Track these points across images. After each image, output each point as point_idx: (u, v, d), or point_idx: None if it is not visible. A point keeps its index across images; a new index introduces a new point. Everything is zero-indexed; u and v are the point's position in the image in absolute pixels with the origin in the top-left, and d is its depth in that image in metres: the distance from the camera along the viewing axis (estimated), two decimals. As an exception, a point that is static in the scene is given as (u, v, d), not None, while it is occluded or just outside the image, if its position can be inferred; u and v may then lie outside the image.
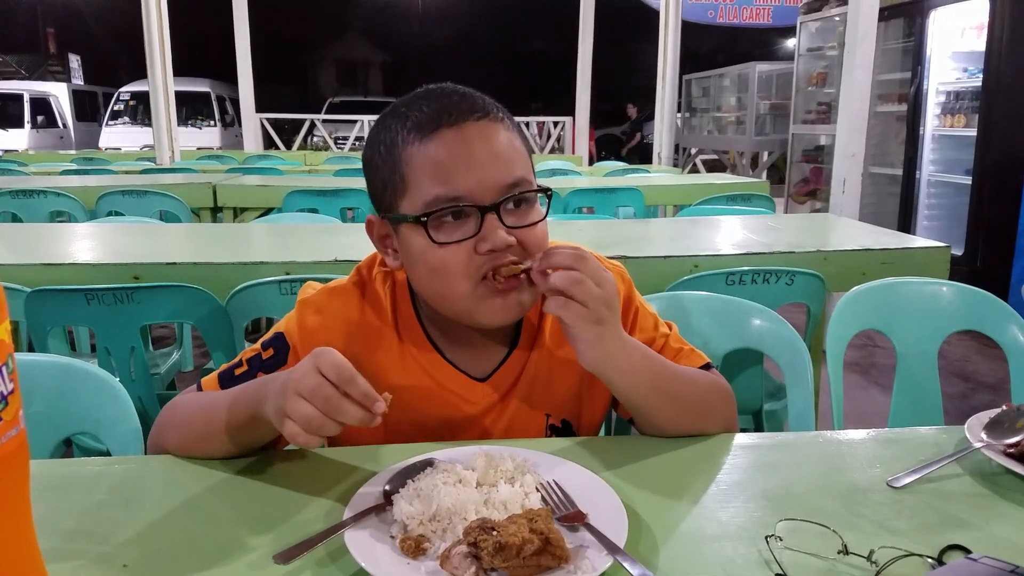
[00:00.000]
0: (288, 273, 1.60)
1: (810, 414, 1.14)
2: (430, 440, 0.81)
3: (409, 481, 0.67)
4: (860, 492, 0.70)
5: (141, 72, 5.40)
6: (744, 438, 0.83)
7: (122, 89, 12.76)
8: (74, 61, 16.69)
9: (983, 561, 0.54)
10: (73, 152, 8.73)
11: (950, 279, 1.42)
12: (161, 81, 5.15)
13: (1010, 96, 3.98)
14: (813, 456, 0.80)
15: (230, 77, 8.20)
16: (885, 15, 4.46)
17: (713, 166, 9.67)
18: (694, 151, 9.89)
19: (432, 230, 0.75)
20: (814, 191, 6.49)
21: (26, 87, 12.96)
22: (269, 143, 8.47)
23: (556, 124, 8.65)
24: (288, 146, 8.76)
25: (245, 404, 0.73)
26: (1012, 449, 0.73)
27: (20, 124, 12.09)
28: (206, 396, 0.83)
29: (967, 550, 0.59)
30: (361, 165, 0.84)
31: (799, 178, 6.74)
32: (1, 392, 0.44)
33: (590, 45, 7.03)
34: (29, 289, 1.43)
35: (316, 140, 10.37)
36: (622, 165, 5.51)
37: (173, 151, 5.43)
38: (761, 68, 8.12)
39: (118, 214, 3.02)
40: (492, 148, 0.76)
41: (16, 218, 3.08)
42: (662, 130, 6.18)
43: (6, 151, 9.50)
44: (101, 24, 16.86)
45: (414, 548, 0.59)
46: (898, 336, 1.34)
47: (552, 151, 8.49)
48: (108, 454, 0.92)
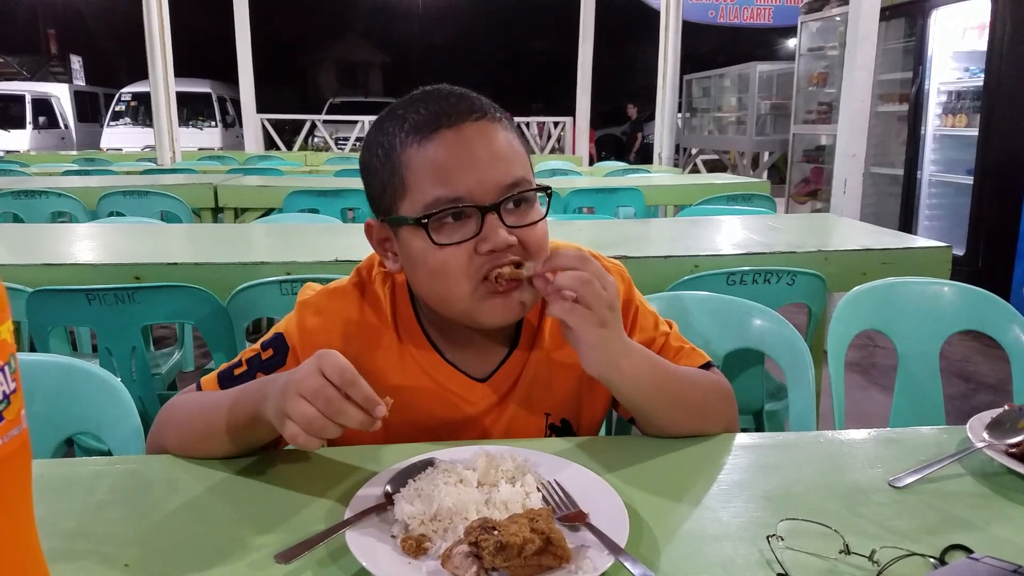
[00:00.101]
0: (289, 273, 1.60)
1: (811, 414, 1.14)
2: (430, 440, 0.81)
3: (410, 481, 0.67)
4: (862, 492, 0.70)
5: (142, 73, 5.40)
6: (745, 438, 0.83)
7: (123, 90, 12.78)
8: (75, 62, 16.71)
9: (985, 561, 0.54)
10: (74, 153, 8.74)
11: (951, 279, 1.42)
12: (162, 82, 5.16)
13: (1011, 96, 3.97)
14: (814, 456, 0.80)
15: (231, 78, 8.22)
16: (886, 15, 4.45)
17: (714, 166, 9.66)
18: (695, 151, 9.89)
19: (432, 232, 0.75)
20: (815, 191, 6.49)
21: (28, 88, 12.98)
22: (270, 144, 8.48)
23: (556, 124, 8.65)
24: (289, 147, 8.77)
25: (245, 404, 0.73)
26: (1014, 449, 0.73)
27: (22, 125, 12.11)
28: (206, 396, 0.83)
29: (969, 550, 0.59)
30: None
31: (800, 178, 6.74)
32: (3, 391, 0.44)
33: (590, 45, 7.03)
34: (31, 289, 1.43)
35: (317, 141, 10.37)
36: (622, 165, 5.51)
37: (174, 152, 5.44)
38: (762, 68, 8.12)
39: (119, 215, 3.02)
40: (491, 148, 0.76)
41: (18, 218, 3.08)
42: (663, 130, 6.18)
43: (8, 152, 9.52)
44: (102, 25, 16.88)
45: (415, 548, 0.59)
46: (899, 336, 1.34)
47: (552, 151, 8.49)
48: (109, 454, 0.92)
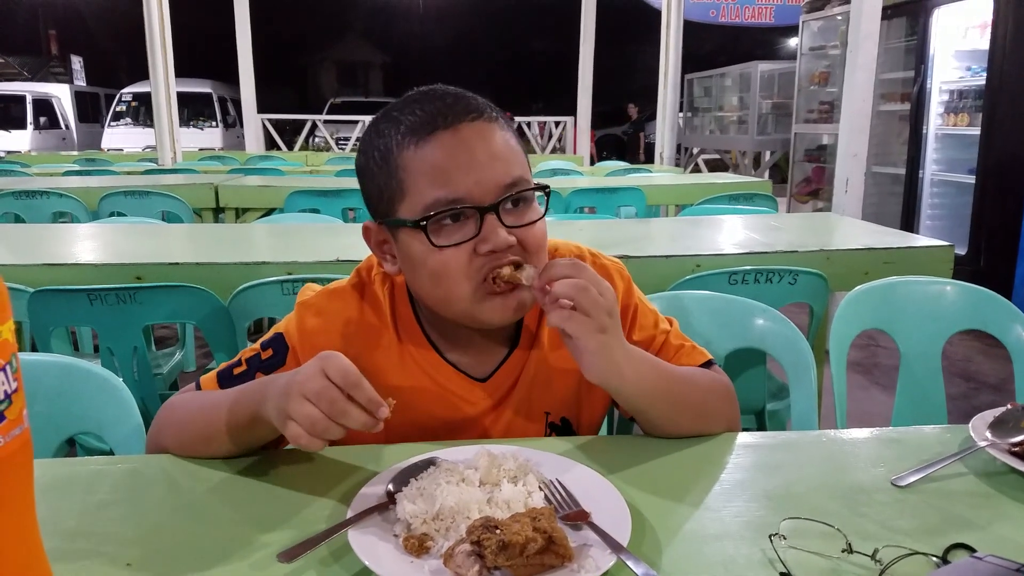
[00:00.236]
0: (290, 273, 1.60)
1: (813, 414, 1.14)
2: (430, 440, 0.81)
3: (412, 480, 0.67)
4: (864, 491, 0.70)
5: (143, 73, 5.40)
6: (747, 437, 0.83)
7: (124, 90, 12.80)
8: (76, 62, 16.73)
9: (988, 560, 0.54)
10: (75, 153, 8.74)
11: (953, 279, 1.41)
12: (163, 82, 5.16)
13: (1013, 95, 3.97)
14: (816, 455, 0.80)
15: (231, 78, 8.22)
16: (888, 14, 4.45)
17: (715, 166, 9.66)
18: (696, 151, 9.89)
19: (431, 234, 0.75)
20: (816, 191, 6.48)
21: (28, 88, 13.00)
22: (271, 144, 8.49)
23: (557, 124, 8.65)
24: (290, 147, 8.78)
25: (246, 404, 0.73)
26: (1017, 448, 0.73)
27: (23, 125, 12.13)
28: (206, 395, 0.83)
29: (972, 549, 0.59)
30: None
31: (801, 178, 6.74)
32: (5, 391, 0.44)
33: (591, 45, 7.03)
34: (32, 289, 1.43)
35: (318, 141, 10.38)
36: (624, 165, 5.51)
37: (175, 152, 5.44)
38: (763, 67, 8.11)
39: (120, 215, 3.02)
40: (489, 148, 0.76)
41: (19, 219, 3.08)
42: (664, 130, 6.17)
43: (9, 152, 9.53)
44: (103, 25, 16.90)
45: (417, 547, 0.59)
46: (901, 336, 1.33)
47: (553, 151, 8.49)
48: (111, 454, 0.92)
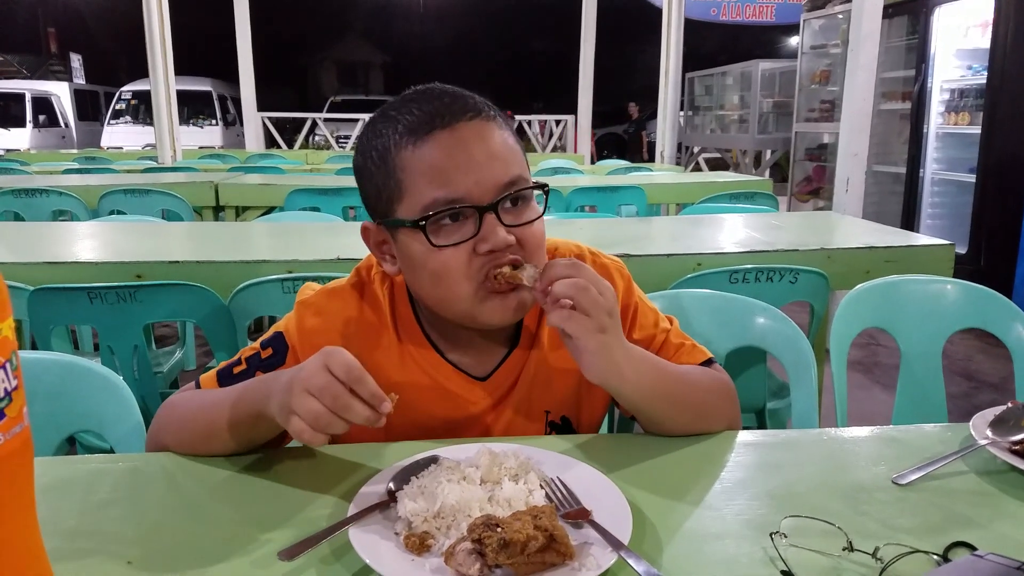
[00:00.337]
0: (290, 272, 1.60)
1: (814, 413, 1.14)
2: (429, 439, 0.81)
3: (413, 478, 0.67)
4: (865, 490, 0.70)
5: (142, 71, 5.40)
6: (748, 436, 0.83)
7: (123, 88, 12.79)
8: (75, 60, 16.71)
9: (989, 558, 0.54)
10: (75, 151, 8.75)
11: (954, 278, 1.41)
12: (163, 80, 5.16)
13: (1014, 94, 3.97)
14: (817, 454, 0.80)
15: (231, 76, 8.22)
16: (889, 12, 4.44)
17: (716, 164, 9.66)
18: (697, 149, 9.89)
19: (431, 233, 0.74)
20: (817, 189, 6.48)
21: (28, 87, 12.99)
22: (271, 142, 8.49)
23: (558, 123, 8.65)
24: (290, 145, 8.78)
25: (248, 401, 0.73)
26: (1017, 446, 0.73)
27: (22, 123, 12.12)
28: (207, 393, 0.83)
29: (972, 547, 0.59)
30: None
31: (802, 176, 6.74)
32: (5, 388, 0.44)
33: (592, 44, 7.02)
34: (32, 288, 1.43)
35: (318, 139, 10.38)
36: (624, 163, 5.51)
37: (175, 150, 5.44)
38: (764, 66, 8.11)
39: (120, 213, 3.02)
40: (488, 148, 0.75)
41: (18, 217, 3.08)
42: (665, 128, 6.17)
43: (8, 150, 9.53)
44: (102, 23, 16.89)
45: (418, 545, 0.59)
46: (902, 334, 1.33)
47: (554, 150, 8.49)
48: (111, 452, 0.92)
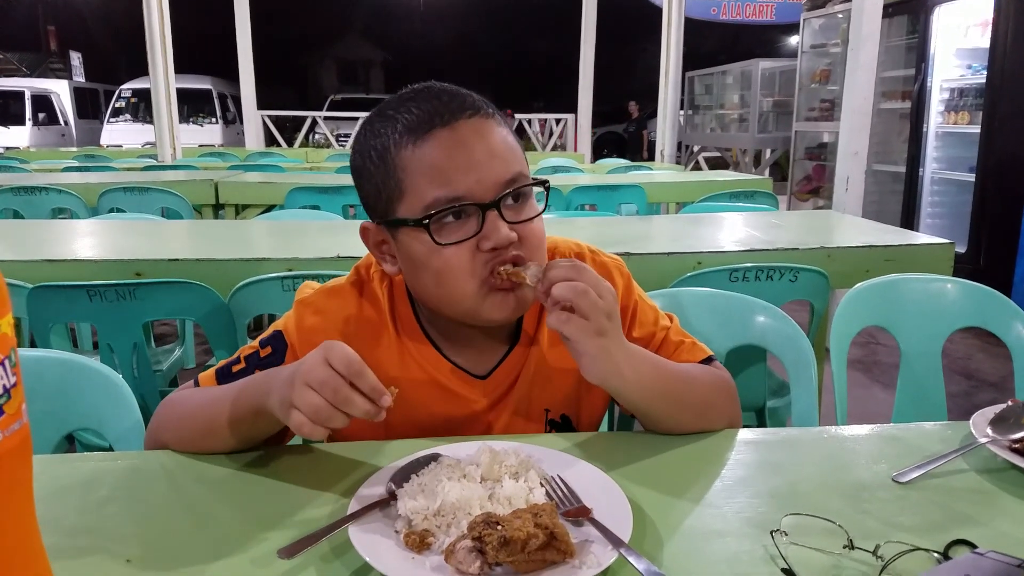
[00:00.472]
0: (290, 270, 1.60)
1: (814, 411, 1.14)
2: (429, 437, 0.81)
3: (413, 476, 0.67)
4: (865, 488, 0.70)
5: (142, 69, 5.40)
6: (748, 434, 0.82)
7: (123, 86, 12.78)
8: (75, 58, 16.71)
9: (989, 556, 0.54)
10: (74, 149, 8.75)
11: (953, 276, 1.41)
12: (162, 78, 5.15)
13: (1014, 93, 3.96)
14: (818, 452, 0.80)
15: (231, 74, 8.21)
16: (889, 12, 4.44)
17: (716, 163, 9.66)
18: (696, 148, 9.88)
19: (433, 232, 0.74)
20: (817, 189, 6.48)
21: (27, 84, 12.99)
22: (271, 140, 8.48)
23: (558, 121, 8.65)
24: (290, 143, 8.77)
25: (249, 397, 0.73)
26: (1018, 444, 0.73)
27: (21, 121, 12.12)
28: (206, 391, 0.83)
29: (973, 545, 0.59)
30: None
31: (802, 175, 6.74)
32: (4, 385, 0.44)
33: (592, 43, 7.02)
34: (31, 285, 1.43)
35: (318, 137, 10.37)
36: (624, 162, 5.50)
37: (175, 148, 5.43)
38: (764, 65, 8.11)
39: (119, 211, 3.02)
40: (488, 145, 0.75)
41: (18, 215, 3.08)
42: (665, 127, 6.16)
43: (8, 148, 9.52)
44: (102, 22, 16.88)
45: (418, 543, 0.59)
46: (902, 333, 1.33)
47: (554, 148, 8.49)
48: (110, 450, 0.92)
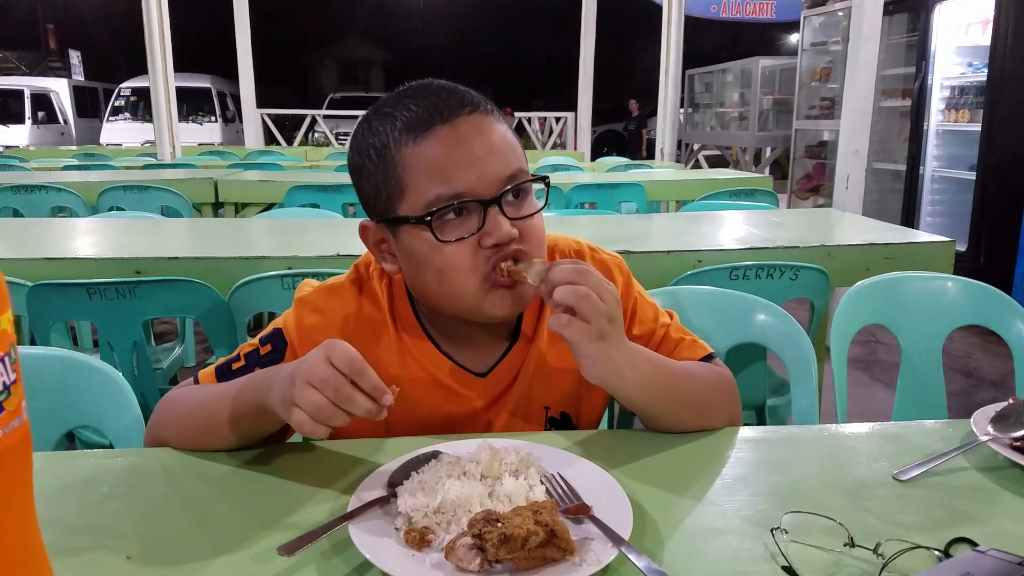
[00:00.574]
0: (290, 268, 1.60)
1: (814, 410, 1.14)
2: (429, 435, 0.81)
3: (413, 473, 0.67)
4: (866, 486, 0.70)
5: (141, 68, 5.39)
6: (749, 432, 0.82)
7: (123, 85, 12.77)
8: (74, 57, 16.69)
9: (990, 554, 0.54)
10: (74, 148, 8.75)
11: (954, 275, 1.41)
12: (162, 77, 5.14)
13: (1015, 91, 3.96)
14: (818, 450, 0.80)
15: (231, 73, 8.20)
16: (889, 9, 4.44)
17: (716, 162, 9.66)
18: (696, 147, 9.88)
19: (435, 230, 0.74)
20: (817, 187, 6.48)
21: (27, 83, 12.98)
22: (270, 139, 8.47)
23: (558, 120, 8.64)
24: (289, 142, 8.77)
25: (250, 394, 0.73)
26: (1018, 442, 0.73)
27: (21, 120, 12.11)
28: (206, 389, 0.82)
29: (974, 543, 0.59)
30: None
31: (802, 174, 6.73)
32: (4, 382, 0.44)
33: (592, 42, 7.01)
34: (31, 283, 1.43)
35: (317, 136, 10.36)
36: (624, 160, 5.50)
37: (174, 147, 5.43)
38: (764, 63, 8.10)
39: (119, 210, 3.02)
40: (488, 142, 0.75)
41: (18, 213, 3.08)
42: (665, 126, 6.16)
43: (7, 147, 9.52)
44: (101, 20, 16.88)
45: (419, 540, 0.58)
46: (902, 331, 1.33)
47: (554, 147, 8.49)
48: (110, 448, 0.92)
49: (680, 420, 0.81)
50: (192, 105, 12.09)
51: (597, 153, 10.39)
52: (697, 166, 9.32)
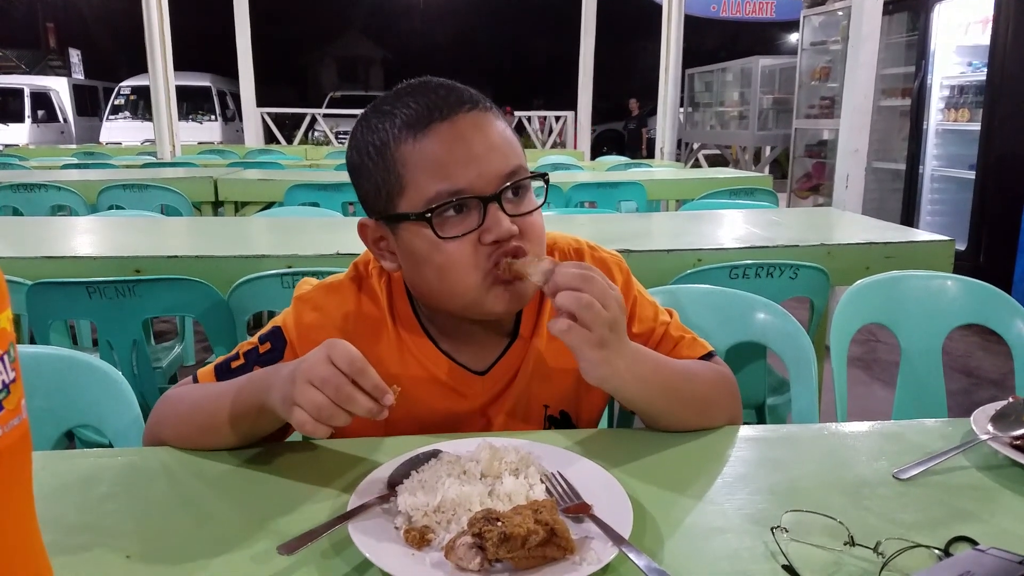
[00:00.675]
0: (290, 267, 1.60)
1: (814, 409, 1.14)
2: (429, 434, 0.81)
3: (413, 472, 0.67)
4: (866, 484, 0.70)
5: (141, 66, 5.39)
6: (749, 430, 0.82)
7: (122, 84, 12.76)
8: (74, 56, 16.69)
9: (990, 552, 0.54)
10: (74, 147, 8.74)
11: (953, 274, 1.41)
12: (162, 75, 5.14)
13: (1014, 90, 3.96)
14: (818, 449, 0.80)
15: (231, 72, 8.19)
16: (889, 9, 4.44)
17: (715, 161, 9.65)
18: (696, 146, 9.87)
19: (436, 227, 0.74)
20: (817, 186, 6.48)
21: (26, 82, 12.97)
22: (270, 138, 8.46)
23: (558, 119, 8.64)
24: (289, 141, 8.76)
25: (250, 393, 0.73)
26: (1018, 441, 0.73)
27: (21, 119, 12.10)
28: (206, 387, 0.82)
29: (974, 542, 0.59)
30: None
31: (802, 173, 6.73)
32: (3, 380, 0.43)
33: (592, 41, 7.00)
34: (31, 282, 1.43)
35: (317, 135, 10.35)
36: (624, 159, 5.50)
37: (174, 145, 5.42)
38: (764, 62, 8.10)
39: (119, 208, 3.01)
40: (488, 139, 0.75)
41: (17, 212, 3.08)
42: (665, 125, 6.16)
43: (7, 145, 9.50)
44: (101, 19, 16.86)
45: (418, 539, 0.58)
46: (902, 330, 1.33)
47: (554, 146, 8.48)
48: (110, 447, 0.92)
49: (680, 419, 0.81)
50: (192, 104, 12.08)
51: (597, 152, 10.38)
52: (697, 165, 9.31)
